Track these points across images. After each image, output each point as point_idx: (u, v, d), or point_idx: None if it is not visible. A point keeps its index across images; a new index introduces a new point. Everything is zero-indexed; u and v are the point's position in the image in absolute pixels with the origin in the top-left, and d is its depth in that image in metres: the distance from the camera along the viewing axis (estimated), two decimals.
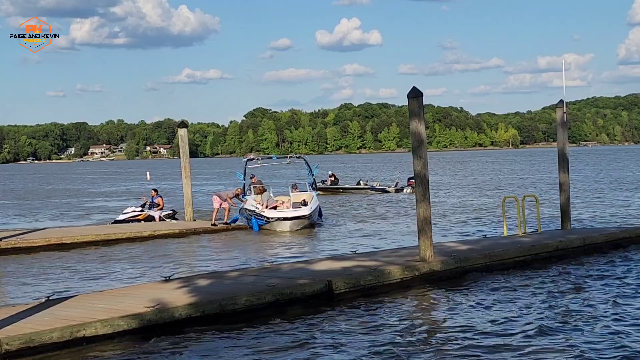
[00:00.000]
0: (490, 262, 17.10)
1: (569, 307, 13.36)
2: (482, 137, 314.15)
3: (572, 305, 13.51)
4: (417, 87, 16.32)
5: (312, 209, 28.74)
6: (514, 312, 13.06)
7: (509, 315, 12.78)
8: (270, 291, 13.38)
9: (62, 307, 12.47)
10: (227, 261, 21.05)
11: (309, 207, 28.69)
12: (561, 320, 12.35)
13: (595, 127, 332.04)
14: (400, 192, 49.61)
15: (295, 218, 27.91)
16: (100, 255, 22.82)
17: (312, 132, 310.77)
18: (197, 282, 14.59)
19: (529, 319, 12.46)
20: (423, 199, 16.28)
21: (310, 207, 28.77)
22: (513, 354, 10.53)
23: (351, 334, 11.83)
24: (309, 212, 28.34)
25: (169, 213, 31.85)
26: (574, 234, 20.68)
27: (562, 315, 12.66)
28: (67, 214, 41.08)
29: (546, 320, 12.31)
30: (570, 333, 11.53)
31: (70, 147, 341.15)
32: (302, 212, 28.27)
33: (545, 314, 12.81)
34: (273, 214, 28.09)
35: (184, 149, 31.41)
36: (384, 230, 27.99)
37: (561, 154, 21.89)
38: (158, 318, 11.84)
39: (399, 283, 15.21)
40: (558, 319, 12.44)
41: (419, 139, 16.24)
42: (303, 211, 28.37)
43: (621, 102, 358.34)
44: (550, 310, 13.05)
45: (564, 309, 13.15)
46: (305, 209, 28.59)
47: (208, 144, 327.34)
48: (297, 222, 27.86)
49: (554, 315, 12.67)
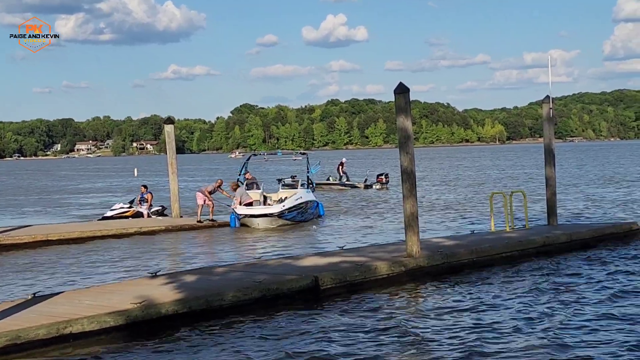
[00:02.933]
0: (477, 258, 17.14)
1: (555, 302, 13.40)
2: (468, 133, 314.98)
3: (558, 300, 13.56)
4: (404, 83, 16.34)
5: (286, 207, 28.13)
6: (501, 307, 13.09)
7: (495, 311, 12.82)
8: (257, 287, 13.38)
9: (49, 304, 12.42)
10: (214, 257, 21.05)
11: (281, 205, 28.14)
12: (547, 315, 12.38)
13: (581, 122, 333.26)
14: (370, 188, 50.65)
15: (263, 216, 27.51)
16: (86, 251, 22.74)
17: (298, 128, 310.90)
18: (183, 278, 14.57)
19: (515, 315, 12.50)
20: (410, 195, 16.29)
21: (283, 205, 28.22)
22: (498, 348, 10.55)
23: (338, 329, 11.83)
24: (280, 210, 27.82)
25: (158, 209, 31.76)
26: (561, 230, 20.74)
27: (548, 311, 12.69)
28: (53, 211, 40.90)
29: (532, 316, 12.35)
30: (556, 328, 11.56)
31: (56, 144, 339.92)
32: (271, 210, 27.86)
33: (531, 309, 12.85)
34: (243, 210, 27.87)
35: (171, 145, 31.31)
36: (371, 225, 28.03)
37: (547, 150, 21.94)
38: (145, 314, 11.82)
39: (386, 278, 15.22)
40: (544, 314, 12.48)
41: (406, 134, 16.25)
42: (272, 209, 27.95)
43: (607, 98, 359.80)
44: (537, 306, 13.09)
45: (550, 305, 13.19)
46: (276, 206, 28.11)
47: (195, 140, 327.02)
48: (266, 220, 27.46)
49: (541, 311, 12.70)
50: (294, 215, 28.70)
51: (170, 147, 31.33)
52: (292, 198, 29.04)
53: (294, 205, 28.64)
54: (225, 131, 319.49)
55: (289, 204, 28.47)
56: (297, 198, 29.25)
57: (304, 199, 29.65)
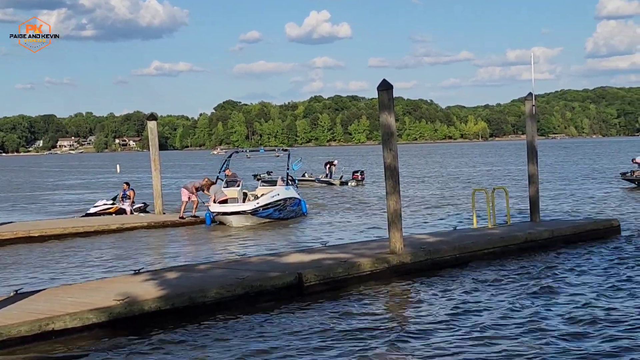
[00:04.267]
0: (460, 254, 17.19)
1: (537, 298, 13.46)
2: (451, 129, 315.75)
3: (540, 296, 13.62)
4: (388, 80, 16.35)
5: (260, 204, 27.69)
6: (483, 303, 13.14)
7: (477, 307, 12.86)
8: (240, 284, 13.36)
9: (31, 301, 12.36)
10: (197, 254, 21.00)
11: (255, 203, 27.74)
12: (528, 311, 12.43)
13: (563, 120, 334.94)
14: (345, 185, 51.33)
15: (235, 213, 27.24)
16: (68, 248, 22.65)
17: (282, 125, 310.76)
18: (166, 275, 14.53)
19: (497, 310, 12.54)
20: (393, 192, 16.30)
21: (257, 202, 27.78)
22: (482, 344, 10.59)
23: (321, 326, 11.83)
24: (253, 208, 27.46)
25: (140, 206, 31.68)
26: (543, 226, 20.82)
27: (529, 306, 12.75)
28: (34, 207, 40.73)
29: (514, 311, 12.41)
30: (537, 323, 11.61)
31: (38, 140, 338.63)
32: (243, 207, 27.53)
33: (513, 305, 12.90)
34: (216, 208, 27.65)
35: (154, 142, 31.23)
36: (354, 222, 28.05)
37: (530, 147, 22.00)
38: (127, 311, 11.78)
39: (370, 275, 15.23)
40: (526, 309, 12.53)
41: (389, 131, 16.26)
42: (245, 206, 27.60)
43: (589, 95, 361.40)
44: (519, 301, 13.14)
45: (531, 300, 13.25)
46: (249, 204, 27.76)
47: (178, 136, 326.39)
48: (238, 218, 27.18)
49: (522, 306, 12.75)
50: (271, 213, 28.25)
51: (153, 144, 31.26)
52: (268, 195, 28.52)
53: (269, 203, 28.18)
54: (208, 128, 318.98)
55: (263, 201, 28.02)
56: (273, 195, 28.71)
57: (282, 196, 29.09)
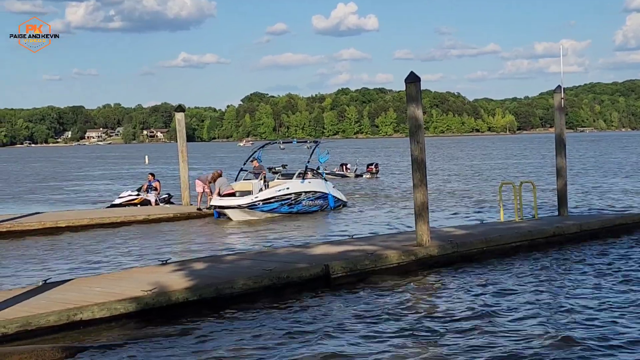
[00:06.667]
0: (487, 248, 17.12)
1: (565, 292, 13.37)
2: (479, 122, 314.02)
3: (568, 290, 13.53)
4: (415, 72, 16.30)
5: (259, 198, 27.00)
6: (510, 297, 13.07)
7: (505, 300, 12.79)
8: (267, 275, 13.37)
9: (59, 291, 12.45)
10: (224, 245, 21.07)
11: (253, 197, 26.99)
12: (557, 305, 12.36)
13: (592, 113, 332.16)
14: (360, 177, 51.75)
15: (230, 207, 26.84)
16: (95, 239, 22.79)
17: (309, 117, 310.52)
18: (194, 266, 14.58)
19: (525, 304, 12.47)
20: (420, 184, 16.26)
21: (256, 196, 27.04)
22: (509, 338, 10.53)
23: (348, 318, 11.82)
24: (249, 202, 26.81)
25: (165, 197, 31.85)
26: (571, 220, 20.68)
27: (557, 301, 12.67)
28: (62, 198, 41.02)
29: (542, 306, 12.33)
30: (565, 317, 11.54)
31: (67, 131, 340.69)
32: (239, 202, 26.96)
33: (541, 299, 12.83)
34: (214, 202, 27.41)
35: (181, 133, 31.33)
36: (378, 214, 28.02)
37: (559, 140, 21.86)
38: (155, 302, 11.83)
39: (396, 267, 15.21)
40: (554, 304, 12.46)
41: (417, 123, 16.21)
42: (241, 200, 27.01)
43: (618, 88, 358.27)
44: (547, 296, 13.06)
45: (559, 295, 13.16)
46: (246, 198, 27.07)
47: (205, 128, 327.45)
48: (235, 212, 26.72)
49: (550, 301, 12.68)
50: (276, 207, 27.53)
51: (180, 135, 31.36)
52: (273, 189, 27.85)
53: (272, 197, 27.49)
54: (236, 119, 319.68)
55: (264, 195, 27.35)
56: (280, 189, 27.92)
57: (292, 190, 28.14)
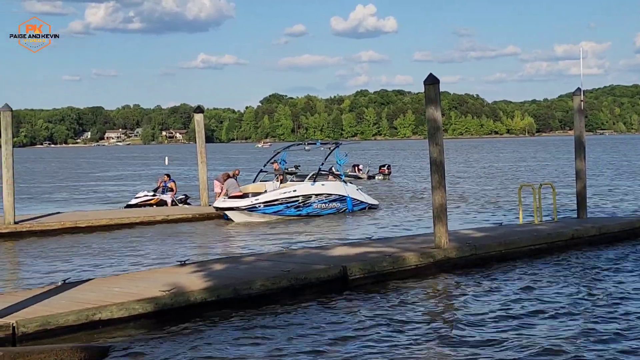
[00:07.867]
0: (506, 250, 17.06)
1: (584, 295, 13.30)
2: (498, 125, 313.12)
3: (588, 293, 13.46)
4: (434, 74, 16.28)
5: (259, 200, 26.83)
6: (530, 299, 13.02)
7: (524, 303, 12.74)
8: (285, 276, 13.39)
9: (78, 291, 12.50)
10: (242, 246, 21.11)
11: (253, 199, 26.87)
12: (576, 308, 12.30)
13: (612, 115, 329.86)
14: (372, 178, 52.28)
15: (230, 209, 26.75)
16: (114, 239, 22.88)
17: (327, 119, 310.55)
18: (212, 267, 14.61)
19: (544, 307, 12.41)
20: (439, 186, 16.23)
21: (256, 198, 26.96)
22: (528, 341, 10.49)
23: (366, 320, 11.81)
24: (248, 204, 26.68)
25: (182, 198, 31.91)
26: (590, 223, 20.55)
27: (577, 303, 12.61)
28: (82, 198, 41.22)
29: (561, 308, 12.28)
30: (585, 320, 11.49)
31: (86, 132, 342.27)
32: (237, 204, 26.84)
33: (560, 301, 12.77)
34: (216, 203, 27.44)
35: (200, 134, 31.42)
36: (395, 216, 27.98)
37: (578, 142, 21.75)
38: (173, 302, 11.87)
39: (414, 269, 15.18)
40: (573, 306, 12.40)
41: (435, 125, 16.20)
42: (240, 202, 26.90)
43: (639, 90, 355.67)
44: (565, 298, 13.00)
45: (578, 297, 13.10)
46: (245, 200, 26.98)
47: (224, 129, 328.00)
48: (235, 214, 26.64)
49: (569, 303, 12.62)
50: (281, 209, 27.23)
51: (199, 136, 31.45)
52: (278, 191, 27.73)
53: (276, 199, 27.22)
54: (254, 121, 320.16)
55: (265, 197, 27.13)
56: (286, 191, 27.71)
57: (299, 192, 27.78)
